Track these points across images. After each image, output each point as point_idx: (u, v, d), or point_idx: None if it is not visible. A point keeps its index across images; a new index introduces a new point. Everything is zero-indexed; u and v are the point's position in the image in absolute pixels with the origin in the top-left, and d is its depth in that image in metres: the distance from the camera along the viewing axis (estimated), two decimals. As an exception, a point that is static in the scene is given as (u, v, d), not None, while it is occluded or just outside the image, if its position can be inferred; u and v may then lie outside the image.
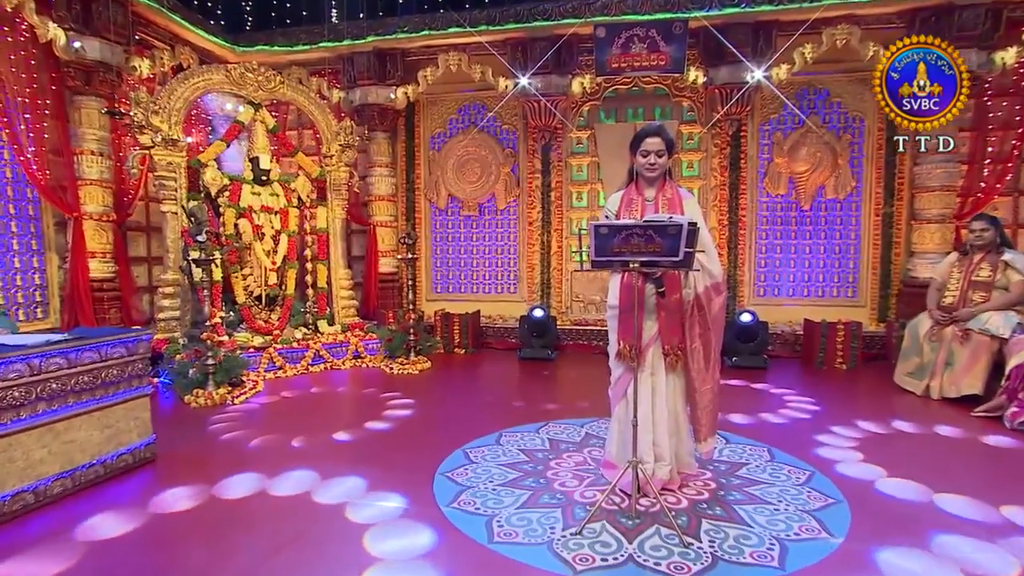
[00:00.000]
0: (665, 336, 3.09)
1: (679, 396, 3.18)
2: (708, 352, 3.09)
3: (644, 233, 2.65)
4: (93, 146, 6.13)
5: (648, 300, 3.11)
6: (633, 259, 2.70)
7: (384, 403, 5.24)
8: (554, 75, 7.38)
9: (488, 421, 4.62)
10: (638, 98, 7.81)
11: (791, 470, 3.62)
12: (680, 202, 3.09)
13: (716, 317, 3.08)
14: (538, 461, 3.79)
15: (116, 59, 6.18)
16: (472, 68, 7.51)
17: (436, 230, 8.61)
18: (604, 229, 2.68)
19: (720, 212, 7.64)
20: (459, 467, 3.68)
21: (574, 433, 4.34)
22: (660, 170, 3.09)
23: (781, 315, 7.57)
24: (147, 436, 3.80)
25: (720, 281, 3.09)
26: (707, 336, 3.08)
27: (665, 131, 3.11)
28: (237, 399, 5.26)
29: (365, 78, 7.80)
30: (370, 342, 7.02)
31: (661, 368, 3.10)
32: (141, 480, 3.56)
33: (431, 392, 5.70)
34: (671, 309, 3.08)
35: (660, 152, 3.08)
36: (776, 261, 7.66)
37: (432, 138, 8.48)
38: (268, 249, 6.84)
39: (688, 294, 3.08)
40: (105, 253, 6.26)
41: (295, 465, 3.75)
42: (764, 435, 4.28)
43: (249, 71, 6.71)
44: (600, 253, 2.74)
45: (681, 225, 2.60)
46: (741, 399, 5.34)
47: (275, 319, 6.97)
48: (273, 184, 6.99)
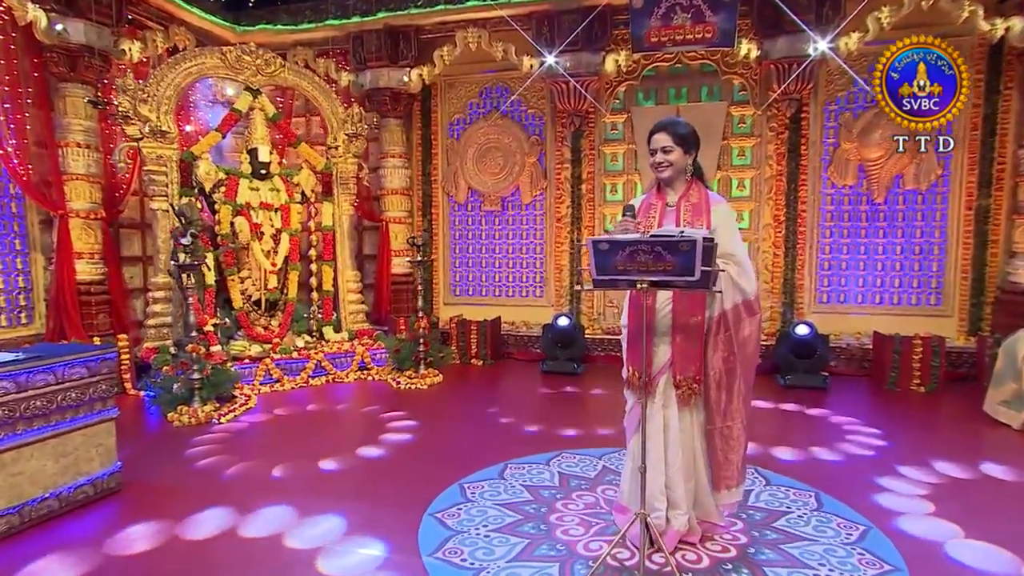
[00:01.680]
0: (678, 364, 2.89)
1: (698, 432, 2.97)
2: (732, 382, 2.87)
3: (651, 250, 2.47)
4: (79, 138, 6.18)
5: (660, 321, 2.93)
6: (641, 278, 2.54)
7: (383, 424, 5.15)
8: (585, 52, 7.14)
9: (494, 449, 4.49)
10: (682, 77, 7.52)
11: (842, 524, 3.33)
12: (707, 208, 2.89)
13: (745, 341, 2.87)
14: (543, 501, 3.62)
15: (103, 42, 6.21)
16: (493, 46, 7.34)
17: (455, 227, 8.49)
18: (604, 245, 2.52)
19: (776, 206, 7.29)
20: (453, 506, 3.55)
21: (590, 466, 4.16)
22: (673, 170, 2.91)
23: (847, 326, 7.19)
24: (111, 464, 3.76)
25: (753, 300, 2.88)
26: (731, 362, 2.86)
27: (677, 125, 2.94)
28: (224, 417, 5.22)
29: (376, 59, 7.71)
30: (378, 351, 6.94)
31: (674, 400, 2.92)
32: (100, 515, 3.51)
33: (437, 411, 5.59)
34: (689, 333, 2.88)
35: (668, 148, 2.91)
36: (842, 263, 7.27)
37: (450, 125, 8.35)
38: (268, 249, 6.83)
39: (714, 312, 2.87)
40: (93, 253, 6.32)
41: (272, 499, 3.67)
42: (814, 475, 3.99)
43: (246, 54, 6.68)
44: (603, 271, 2.59)
45: (694, 240, 2.39)
46: (791, 428, 5.05)
47: (275, 326, 6.96)
48: (273, 178, 6.97)
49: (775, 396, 5.97)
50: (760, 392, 6.00)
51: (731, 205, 7.20)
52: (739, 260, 2.85)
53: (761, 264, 7.37)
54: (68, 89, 6.14)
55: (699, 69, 7.41)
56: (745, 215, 7.44)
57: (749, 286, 2.85)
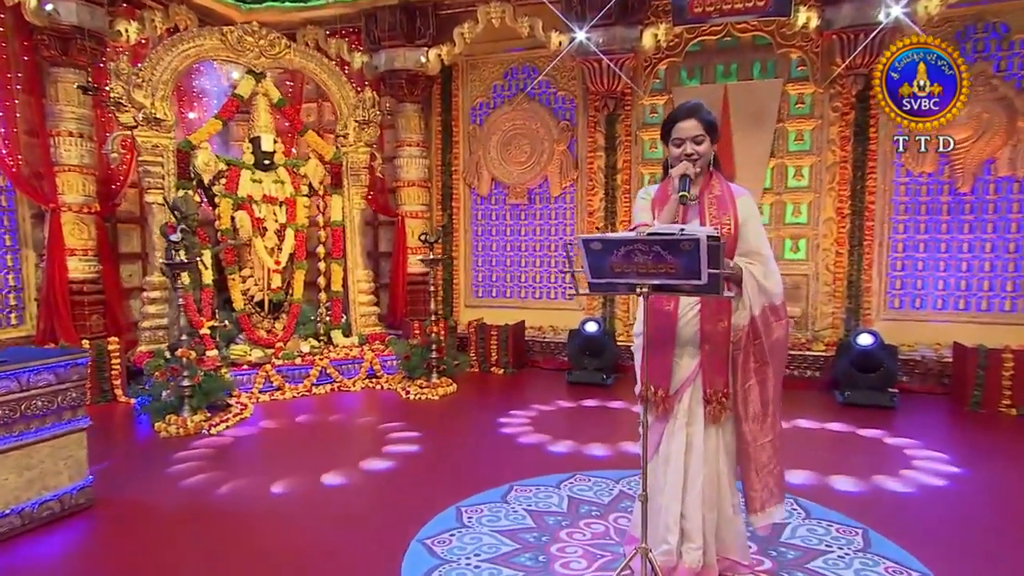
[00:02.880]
0: (708, 377, 2.82)
1: (723, 455, 2.88)
2: (766, 393, 2.82)
3: (649, 250, 2.40)
4: (72, 126, 6.32)
5: (683, 329, 2.84)
6: (641, 281, 2.49)
7: (383, 438, 5.14)
8: (619, 26, 6.99)
9: (501, 468, 4.44)
10: (731, 51, 7.33)
11: (891, 569, 3.13)
12: (732, 201, 2.82)
13: (775, 347, 2.83)
14: (546, 529, 3.54)
15: (97, 23, 6.33)
16: (518, 22, 7.26)
17: (477, 222, 8.46)
18: (597, 244, 2.46)
19: (839, 198, 7.05)
20: (445, 532, 3.50)
21: (604, 491, 4.06)
22: (702, 163, 2.83)
23: (923, 335, 6.88)
24: (81, 478, 3.80)
25: (779, 304, 2.82)
26: (764, 372, 2.82)
27: (703, 110, 2.84)
28: (215, 428, 5.27)
29: (391, 38, 7.70)
30: (388, 358, 6.93)
31: (699, 417, 2.84)
32: (64, 536, 3.54)
33: (444, 425, 5.56)
34: (717, 341, 2.81)
35: (698, 138, 2.80)
36: (918, 263, 6.96)
37: (473, 110, 8.32)
38: (271, 246, 6.89)
39: (740, 319, 2.80)
40: (86, 250, 6.45)
41: (259, 523, 3.67)
42: (865, 509, 3.78)
43: (248, 34, 6.75)
44: (598, 274, 2.53)
45: (697, 239, 2.30)
46: (843, 452, 4.84)
47: (279, 329, 7.01)
48: (278, 169, 7.02)
49: (829, 414, 5.76)
50: (812, 409, 5.91)
51: (786, 196, 7.11)
52: (765, 258, 2.79)
53: (821, 264, 7.18)
54: (60, 74, 6.28)
55: (751, 42, 7.21)
56: (803, 208, 7.24)
57: (776, 288, 2.79)
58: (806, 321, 7.29)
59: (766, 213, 7.34)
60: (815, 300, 7.26)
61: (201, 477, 4.35)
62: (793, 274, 7.28)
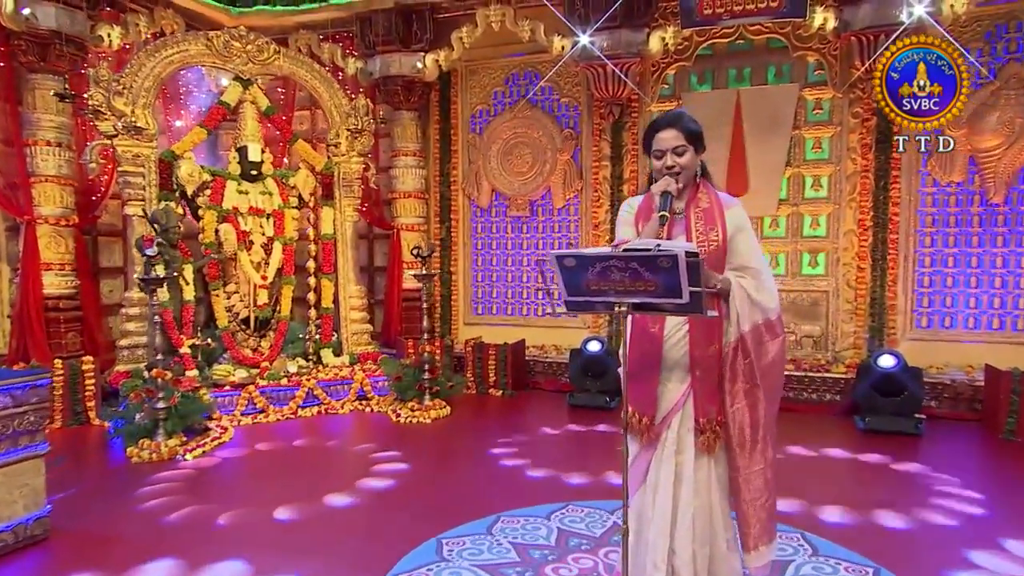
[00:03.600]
0: (699, 404, 2.74)
1: (717, 486, 2.79)
2: (756, 417, 2.73)
3: (626, 267, 2.34)
4: (50, 135, 6.36)
5: (671, 351, 2.77)
6: (619, 300, 2.44)
7: (368, 464, 5.08)
8: (625, 30, 6.98)
9: (490, 497, 4.39)
10: (744, 54, 7.29)
11: (903, 610, 3.00)
12: (720, 213, 2.77)
13: (769, 368, 2.74)
14: (530, 564, 3.47)
15: (78, 27, 6.37)
16: (519, 25, 7.27)
17: (477, 235, 8.43)
18: (571, 261, 2.41)
19: (860, 209, 6.95)
20: (423, 566, 3.44)
21: (597, 522, 3.97)
22: (685, 176, 2.79)
23: (953, 357, 6.74)
24: (38, 508, 3.74)
25: (775, 320, 2.75)
26: (754, 394, 2.73)
27: (685, 120, 2.80)
28: (190, 453, 5.21)
29: (386, 43, 7.72)
30: (380, 379, 6.87)
31: (689, 444, 2.75)
32: (16, 569, 3.48)
33: (434, 450, 5.51)
34: (708, 365, 2.74)
35: (680, 149, 2.76)
36: (946, 278, 6.84)
37: (472, 117, 8.33)
38: (258, 260, 6.88)
39: (728, 336, 2.74)
40: (63, 264, 6.47)
41: (223, 553, 3.60)
42: (878, 546, 3.65)
43: (235, 39, 6.76)
44: (574, 291, 2.48)
45: (675, 256, 2.24)
46: (859, 483, 4.73)
47: (266, 347, 6.97)
48: (265, 180, 7.02)
49: (848, 442, 5.63)
50: (828, 436, 5.78)
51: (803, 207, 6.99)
52: (757, 271, 2.73)
53: (842, 280, 7.09)
54: (38, 81, 6.33)
55: (765, 45, 7.18)
56: (822, 220, 7.17)
57: (771, 302, 2.74)
58: (825, 341, 7.17)
59: (782, 225, 7.27)
60: (835, 318, 7.14)
61: (169, 506, 4.27)
62: (812, 290, 7.19)
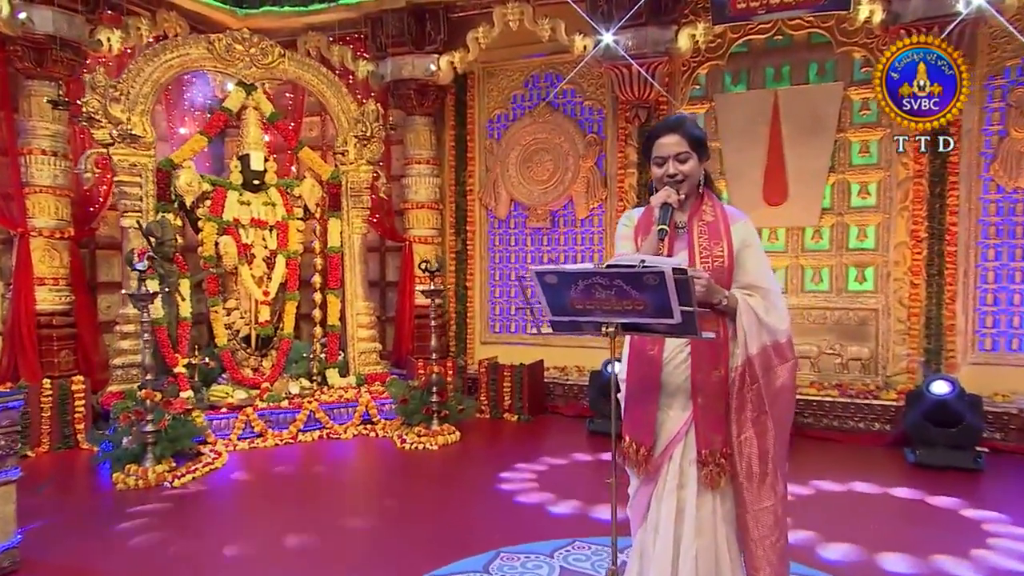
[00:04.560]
0: (702, 434, 2.68)
1: (723, 525, 2.72)
2: (764, 447, 2.66)
3: (610, 284, 2.33)
4: (45, 144, 6.44)
5: (671, 375, 2.73)
6: (607, 319, 2.43)
7: (363, 494, 5.14)
8: (651, 27, 6.91)
9: (491, 532, 4.33)
10: (783, 51, 7.18)
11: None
12: (726, 227, 2.73)
13: (778, 394, 2.69)
14: None
15: (76, 31, 6.47)
16: (539, 24, 7.24)
17: (495, 247, 8.41)
18: (552, 277, 2.41)
19: (913, 219, 6.77)
20: None
21: (603, 561, 3.88)
22: (688, 184, 2.75)
23: (1021, 383, 6.51)
24: (7, 539, 3.73)
25: (784, 343, 2.70)
26: (763, 423, 2.66)
27: (687, 125, 2.76)
28: (178, 480, 5.20)
29: (397, 44, 7.75)
30: (387, 402, 6.83)
31: (692, 478, 2.70)
32: (-22, 601, 3.48)
33: (437, 479, 5.47)
34: (712, 392, 2.67)
35: (682, 156, 2.71)
36: (1013, 295, 6.65)
37: (490, 123, 8.33)
38: (259, 275, 6.90)
39: (735, 359, 2.68)
40: (57, 279, 6.54)
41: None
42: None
43: (238, 42, 6.82)
44: (558, 310, 2.48)
45: (661, 272, 2.21)
46: (905, 524, 4.56)
47: (267, 367, 6.97)
48: (268, 190, 7.06)
49: (895, 477, 5.42)
50: (874, 470, 5.60)
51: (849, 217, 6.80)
52: (766, 291, 2.70)
53: (893, 297, 6.90)
54: (34, 87, 6.43)
55: (806, 41, 7.06)
56: (870, 231, 7.01)
57: (781, 324, 2.69)
58: (875, 364, 6.98)
59: (825, 237, 7.12)
60: (886, 339, 6.95)
61: (150, 536, 4.27)
62: (859, 309, 7.02)
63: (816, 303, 7.17)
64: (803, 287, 7.23)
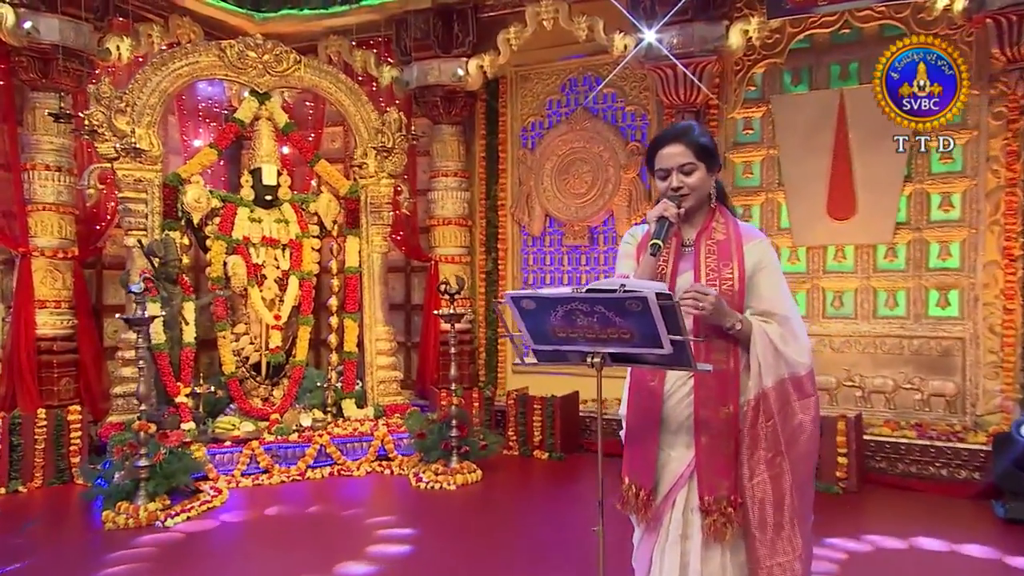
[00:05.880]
0: (705, 478, 2.62)
1: None
2: (780, 492, 2.60)
3: (591, 310, 2.30)
4: (49, 159, 6.65)
5: (672, 411, 2.69)
6: (593, 349, 2.41)
7: (367, 539, 5.00)
8: (699, 23, 6.84)
9: None
10: (851, 47, 7.03)
11: None
12: (739, 247, 2.70)
13: (796, 433, 2.63)
14: None
15: (83, 40, 6.67)
16: (575, 23, 7.25)
17: (528, 267, 8.38)
18: (529, 303, 2.40)
19: (1007, 234, 6.53)
20: None
21: None
22: (695, 198, 2.73)
23: None
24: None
25: (803, 375, 2.65)
26: (778, 465, 2.61)
27: (693, 133, 2.74)
28: (171, 519, 5.23)
29: (424, 48, 7.82)
30: (405, 435, 6.82)
31: (698, 529, 2.65)
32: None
33: (450, 524, 5.43)
34: (719, 431, 2.62)
35: (687, 167, 2.69)
36: None
37: (524, 131, 8.34)
38: (271, 297, 6.98)
39: (748, 392, 2.63)
40: (59, 301, 6.70)
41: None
42: None
43: (250, 49, 6.95)
44: (540, 338, 2.47)
45: (644, 298, 2.18)
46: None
47: (278, 397, 7.02)
48: (282, 206, 7.15)
49: (975, 533, 5.14)
50: (952, 524, 5.33)
51: (929, 233, 6.58)
52: (784, 318, 2.64)
53: (982, 324, 6.61)
54: (39, 99, 6.65)
55: (878, 34, 6.90)
56: (954, 249, 6.77)
57: (800, 356, 2.63)
58: (962, 401, 6.67)
59: (901, 255, 6.88)
60: (974, 373, 6.65)
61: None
62: (942, 337, 6.74)
63: (891, 331, 6.90)
64: (875, 312, 6.98)
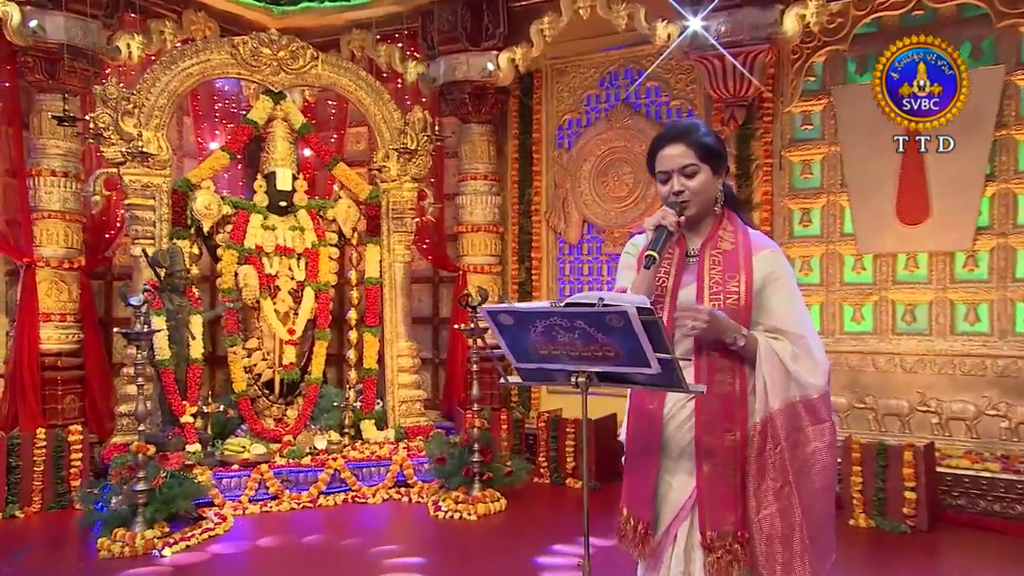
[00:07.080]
0: (707, 511, 2.62)
1: None
2: (789, 526, 2.59)
3: (571, 326, 2.30)
4: (55, 164, 6.80)
5: (673, 436, 2.69)
6: (577, 367, 2.42)
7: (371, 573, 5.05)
8: (749, 8, 6.75)
9: None
10: (924, 30, 6.71)
11: None
12: (747, 257, 2.70)
13: (808, 462, 2.63)
14: None
15: (92, 39, 6.83)
16: (613, 11, 7.20)
17: (564, 278, 8.35)
18: (507, 317, 2.42)
19: None
20: None
21: None
22: (699, 202, 2.72)
23: None
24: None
25: (816, 398, 2.63)
26: (787, 497, 2.59)
27: (697, 132, 2.74)
28: (168, 548, 5.27)
29: (451, 41, 7.86)
30: (425, 460, 6.78)
31: (700, 567, 2.65)
32: None
33: (466, 558, 5.42)
34: (723, 459, 2.62)
35: (689, 169, 2.68)
36: None
37: (560, 129, 8.32)
38: (285, 310, 7.03)
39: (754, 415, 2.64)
40: (64, 314, 6.85)
41: None
42: None
43: (264, 45, 7.04)
44: (521, 356, 2.50)
45: (624, 313, 2.17)
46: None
47: (292, 417, 7.06)
48: (297, 213, 7.21)
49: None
50: None
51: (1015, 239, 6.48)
52: (796, 336, 2.63)
53: None
54: (46, 102, 6.81)
55: (956, 15, 6.72)
56: None
57: (813, 377, 2.62)
58: (1055, 432, 6.40)
59: (983, 264, 6.64)
60: (1073, 399, 6.39)
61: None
62: (1032, 358, 6.48)
63: (971, 349, 6.63)
64: (953, 328, 6.72)
